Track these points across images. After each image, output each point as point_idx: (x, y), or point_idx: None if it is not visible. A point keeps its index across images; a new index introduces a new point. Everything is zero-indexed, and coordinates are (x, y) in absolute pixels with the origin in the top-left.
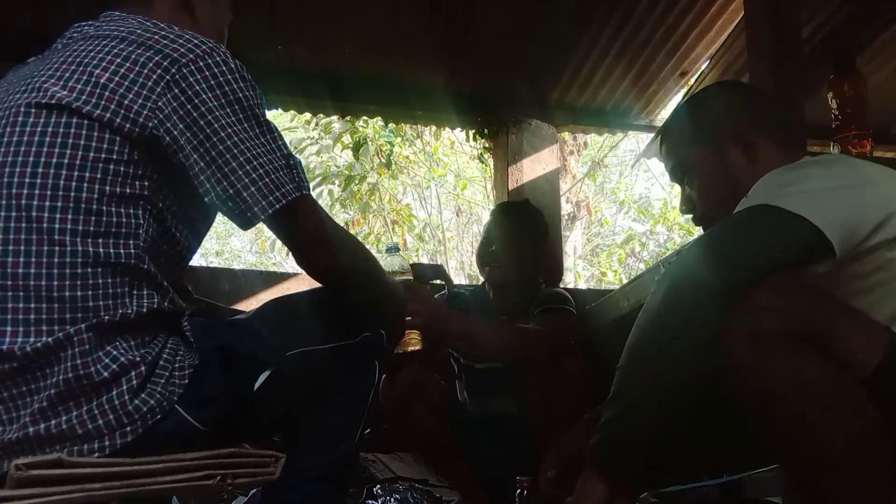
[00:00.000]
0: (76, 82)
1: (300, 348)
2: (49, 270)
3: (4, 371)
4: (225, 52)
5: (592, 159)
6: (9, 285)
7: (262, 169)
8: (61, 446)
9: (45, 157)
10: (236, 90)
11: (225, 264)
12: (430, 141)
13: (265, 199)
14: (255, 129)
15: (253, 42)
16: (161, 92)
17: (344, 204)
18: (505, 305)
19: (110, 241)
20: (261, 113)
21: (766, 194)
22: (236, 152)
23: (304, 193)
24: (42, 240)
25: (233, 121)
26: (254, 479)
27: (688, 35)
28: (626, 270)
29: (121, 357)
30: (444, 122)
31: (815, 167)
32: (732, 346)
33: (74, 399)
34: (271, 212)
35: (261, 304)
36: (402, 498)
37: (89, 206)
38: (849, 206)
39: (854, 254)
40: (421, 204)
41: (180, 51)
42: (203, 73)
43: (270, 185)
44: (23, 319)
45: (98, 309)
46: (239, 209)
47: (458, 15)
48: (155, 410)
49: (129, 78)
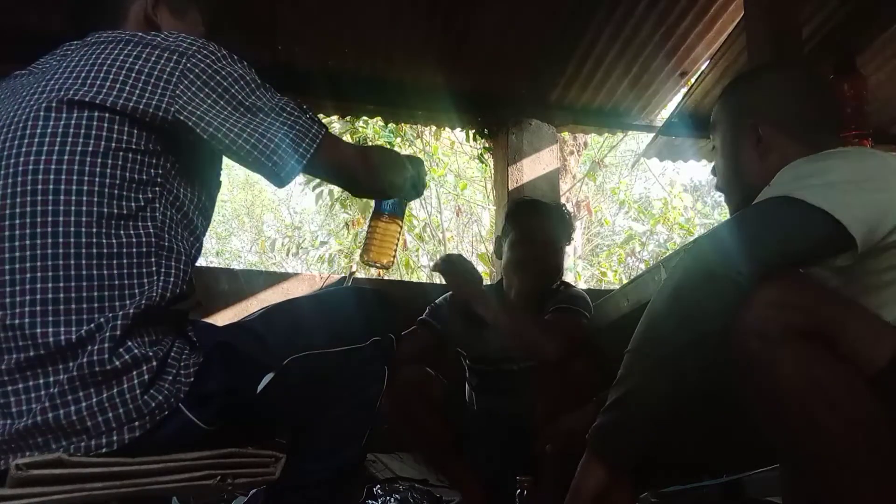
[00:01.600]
0: (95, 79)
1: (306, 351)
2: (77, 250)
3: (30, 359)
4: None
5: (592, 159)
6: (38, 266)
7: (290, 120)
8: (68, 441)
9: (70, 147)
10: (239, 68)
11: (225, 264)
12: (430, 141)
13: (300, 145)
14: (268, 91)
15: (253, 42)
16: (177, 81)
17: (344, 204)
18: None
19: (136, 223)
20: (263, 81)
21: (789, 185)
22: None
23: (326, 130)
24: (69, 221)
25: (248, 91)
26: (254, 479)
27: (688, 35)
28: (626, 270)
29: (135, 350)
30: (444, 122)
31: (838, 159)
32: (741, 342)
33: (85, 389)
34: (310, 155)
35: (267, 307)
36: (402, 498)
37: (112, 190)
38: (871, 201)
39: (873, 249)
40: (421, 204)
41: (183, 45)
42: (209, 59)
43: (302, 132)
44: (52, 301)
45: (125, 287)
46: (282, 160)
47: (458, 15)
48: (163, 406)
49: (145, 72)
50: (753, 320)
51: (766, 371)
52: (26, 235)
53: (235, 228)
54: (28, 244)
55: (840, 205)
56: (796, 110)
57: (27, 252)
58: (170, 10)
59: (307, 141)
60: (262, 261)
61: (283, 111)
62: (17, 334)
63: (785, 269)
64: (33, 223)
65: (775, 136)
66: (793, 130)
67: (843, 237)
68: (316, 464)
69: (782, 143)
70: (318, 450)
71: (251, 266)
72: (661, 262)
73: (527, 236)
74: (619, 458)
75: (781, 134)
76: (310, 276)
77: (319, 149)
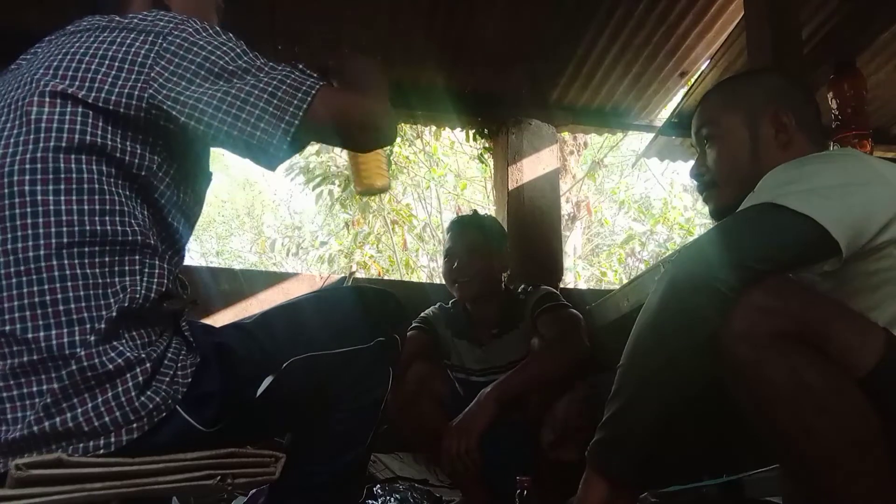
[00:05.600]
0: (66, 70)
1: (307, 353)
2: (59, 251)
3: (24, 364)
4: (201, 21)
5: (592, 159)
6: (22, 270)
7: (276, 80)
8: (67, 443)
9: (44, 143)
10: (221, 39)
11: (225, 264)
12: (429, 141)
13: (292, 103)
14: (252, 59)
15: (253, 42)
16: (151, 64)
17: (344, 204)
18: (489, 318)
19: (116, 218)
20: (252, 51)
21: (772, 192)
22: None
23: (323, 83)
24: (49, 222)
25: (231, 56)
26: (254, 479)
27: (688, 35)
28: (626, 270)
29: (127, 352)
30: (444, 122)
31: (821, 163)
32: (729, 346)
33: (79, 395)
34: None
35: (268, 308)
36: (402, 498)
37: (91, 185)
38: (856, 204)
39: (861, 252)
40: (421, 204)
41: (160, 24)
42: (186, 33)
43: (292, 88)
44: (40, 304)
45: (108, 286)
46: (271, 126)
47: (458, 14)
48: (160, 408)
49: (119, 58)
50: (741, 325)
51: (756, 375)
52: (8, 240)
53: (235, 228)
54: (10, 248)
55: (823, 210)
56: (808, 108)
57: (10, 257)
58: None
59: (297, 99)
60: (261, 261)
61: (272, 70)
62: (9, 339)
63: (775, 274)
64: (13, 226)
65: (794, 124)
66: (808, 126)
67: (827, 243)
68: (320, 466)
69: (799, 134)
70: (321, 452)
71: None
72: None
73: (445, 254)
74: (620, 472)
75: (799, 125)
76: (310, 276)
77: (312, 106)
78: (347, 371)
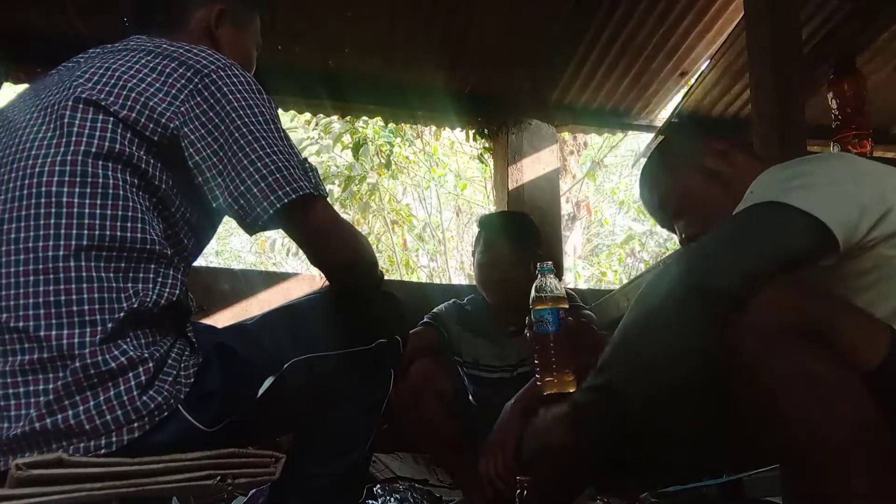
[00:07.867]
0: (104, 84)
1: (309, 354)
2: (77, 252)
3: (34, 361)
4: (243, 69)
5: (592, 159)
6: (40, 269)
7: (276, 164)
8: (68, 442)
9: (75, 146)
10: (256, 98)
11: (225, 264)
12: (429, 141)
13: (275, 193)
14: (274, 132)
15: None
16: (185, 98)
17: (344, 204)
18: (510, 316)
19: (137, 225)
20: (279, 121)
21: (770, 191)
22: (254, 147)
23: (320, 194)
24: (71, 224)
25: (253, 122)
26: (254, 479)
27: (688, 35)
28: (626, 270)
29: (130, 351)
30: (444, 122)
31: (814, 163)
32: (736, 341)
33: (81, 393)
34: (280, 206)
35: (269, 309)
36: (402, 498)
37: (116, 191)
38: (850, 202)
39: (854, 250)
40: (421, 204)
41: (203, 62)
42: (224, 80)
43: (282, 181)
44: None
45: (122, 290)
46: (249, 205)
47: (458, 15)
48: (162, 408)
49: (155, 85)
50: (749, 319)
51: (762, 370)
52: (30, 238)
53: (235, 228)
54: (31, 246)
55: (821, 206)
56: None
57: (30, 255)
58: (233, 22)
59: (285, 190)
60: (261, 261)
61: (279, 153)
62: (21, 336)
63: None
64: (37, 225)
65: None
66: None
67: (826, 238)
68: (320, 467)
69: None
70: (322, 453)
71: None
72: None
73: (481, 260)
74: (587, 430)
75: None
76: (310, 276)
77: (299, 204)
78: (348, 372)
